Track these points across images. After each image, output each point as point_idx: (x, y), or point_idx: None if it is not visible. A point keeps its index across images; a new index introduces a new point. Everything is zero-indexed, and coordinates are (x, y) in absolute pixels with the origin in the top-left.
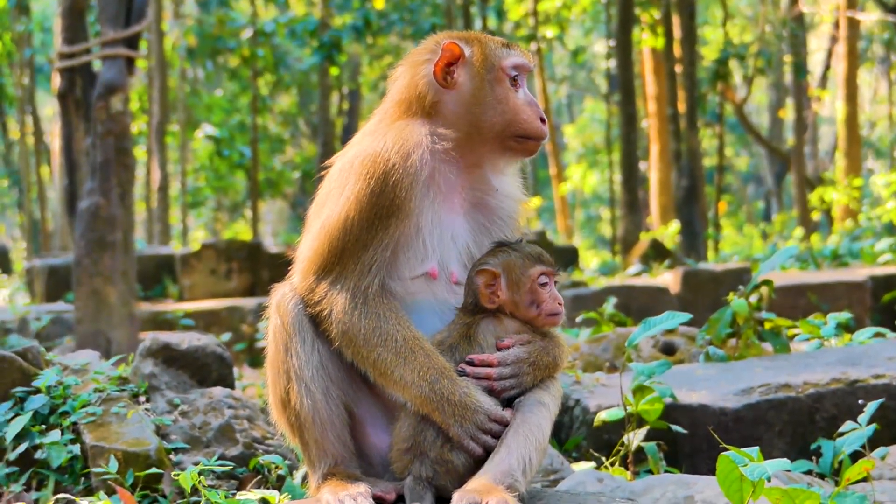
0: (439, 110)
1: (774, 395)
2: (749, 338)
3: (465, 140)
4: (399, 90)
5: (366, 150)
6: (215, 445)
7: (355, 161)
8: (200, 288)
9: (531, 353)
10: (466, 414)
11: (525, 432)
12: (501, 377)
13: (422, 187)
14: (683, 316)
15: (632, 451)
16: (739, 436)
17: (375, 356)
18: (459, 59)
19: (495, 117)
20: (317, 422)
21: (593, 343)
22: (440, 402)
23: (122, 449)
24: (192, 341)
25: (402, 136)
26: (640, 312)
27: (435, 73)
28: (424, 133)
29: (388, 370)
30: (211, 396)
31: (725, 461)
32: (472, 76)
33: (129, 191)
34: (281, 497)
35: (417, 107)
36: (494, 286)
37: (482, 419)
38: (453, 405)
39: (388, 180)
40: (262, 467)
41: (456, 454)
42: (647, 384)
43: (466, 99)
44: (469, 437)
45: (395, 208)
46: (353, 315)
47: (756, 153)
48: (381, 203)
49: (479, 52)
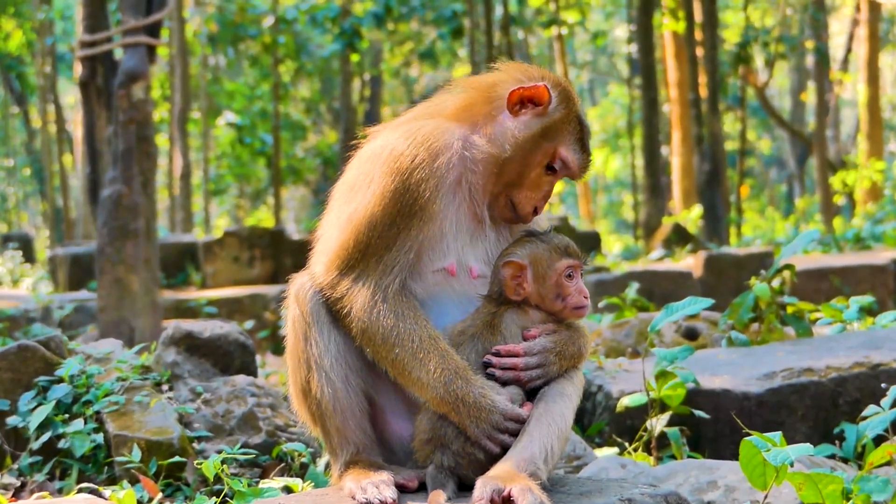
0: (487, 124)
1: (797, 379)
2: (771, 322)
3: (491, 163)
4: (472, 85)
5: (396, 141)
6: (238, 434)
7: (384, 152)
8: (223, 275)
9: (557, 342)
10: (482, 415)
11: (548, 421)
12: (528, 367)
13: (447, 190)
14: (705, 301)
15: (655, 436)
16: (762, 420)
17: (393, 356)
18: (540, 105)
19: (511, 173)
20: (337, 410)
21: (616, 328)
22: (455, 403)
23: (145, 438)
24: (215, 329)
25: (435, 134)
26: (662, 297)
27: (512, 94)
28: (458, 136)
29: (406, 370)
30: (234, 384)
31: (748, 446)
32: (532, 128)
33: (152, 179)
34: (304, 485)
35: (476, 110)
36: (521, 278)
37: (497, 419)
38: (468, 406)
39: (412, 178)
40: (285, 455)
41: (477, 448)
42: (670, 369)
43: (517, 136)
44: (486, 437)
45: (418, 208)
46: (372, 314)
47: (778, 137)
48: (406, 202)
49: (559, 119)
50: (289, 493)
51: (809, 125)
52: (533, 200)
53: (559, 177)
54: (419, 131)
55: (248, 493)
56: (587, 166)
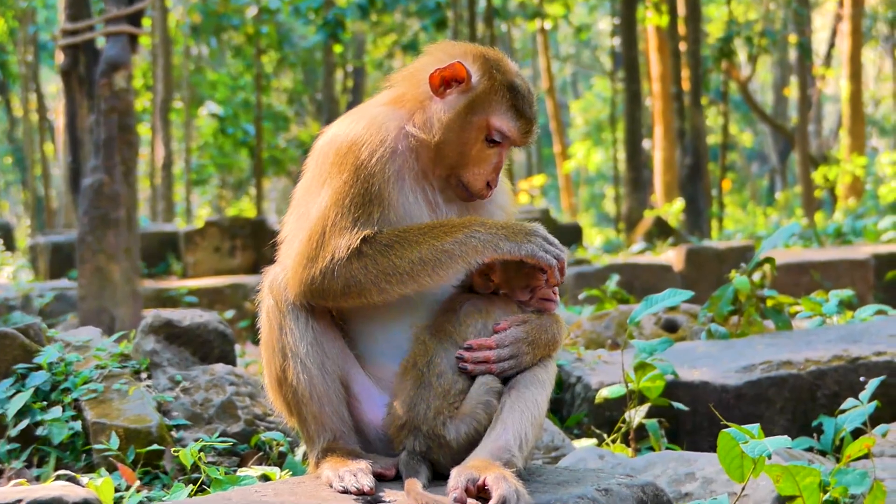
0: (418, 111)
1: (776, 372)
2: (751, 315)
3: (426, 149)
4: (402, 75)
5: (342, 134)
6: (217, 422)
7: (330, 148)
8: (204, 265)
9: (529, 332)
10: (529, 230)
11: (521, 408)
12: (500, 359)
13: (395, 180)
14: (685, 293)
15: (633, 428)
16: (741, 413)
17: (419, 255)
18: (462, 82)
19: (451, 154)
20: (314, 396)
21: (596, 320)
22: (499, 231)
23: (124, 426)
24: (195, 318)
25: (377, 123)
26: (643, 290)
27: (432, 78)
28: (394, 127)
29: (440, 250)
30: (213, 373)
31: (726, 438)
32: (457, 106)
33: (133, 168)
34: (282, 473)
35: (407, 99)
36: (490, 272)
37: (543, 232)
38: (513, 228)
39: (359, 171)
40: (263, 444)
41: (448, 428)
42: (649, 361)
43: (442, 118)
44: (542, 250)
45: (372, 196)
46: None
47: (760, 131)
48: (358, 192)
49: (484, 91)
50: (266, 482)
51: (792, 120)
52: (482, 176)
53: (505, 147)
54: (357, 125)
55: (225, 480)
56: (528, 131)
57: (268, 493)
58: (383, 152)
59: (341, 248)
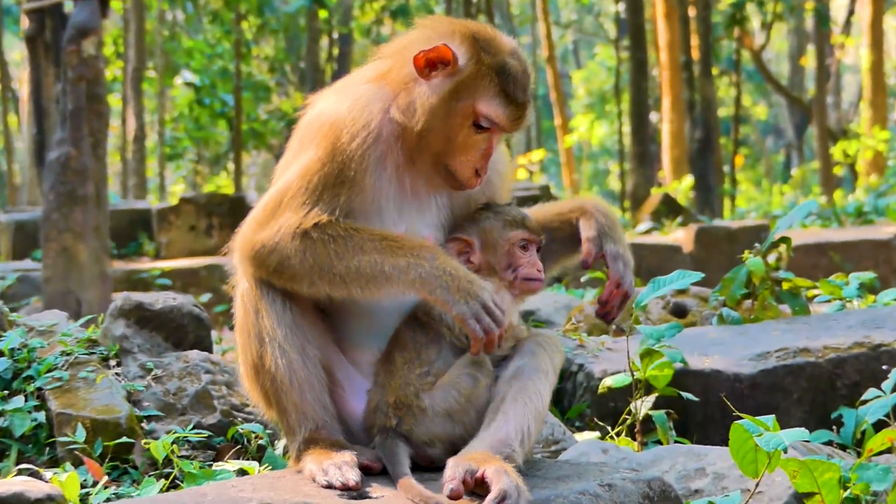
0: (402, 92)
1: (792, 360)
2: (765, 299)
3: (409, 136)
4: (392, 49)
5: (325, 112)
6: (191, 413)
7: (313, 124)
8: (178, 245)
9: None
10: (473, 289)
11: (524, 399)
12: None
13: (375, 165)
14: (695, 275)
15: (639, 419)
16: (755, 403)
17: (357, 264)
18: (448, 65)
19: (436, 142)
20: (294, 383)
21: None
22: (443, 276)
23: (91, 416)
24: (168, 301)
25: (362, 104)
26: (649, 272)
27: (416, 60)
28: (378, 110)
29: (376, 270)
30: (187, 360)
31: (739, 431)
32: (441, 91)
33: (103, 141)
34: (261, 468)
35: (393, 76)
36: (468, 253)
37: (488, 297)
38: (458, 278)
39: (339, 152)
40: (241, 437)
41: (421, 397)
42: (656, 348)
43: (426, 103)
44: (473, 317)
45: (344, 179)
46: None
47: (775, 103)
48: (331, 172)
49: (470, 74)
50: (244, 476)
51: (809, 91)
52: (470, 164)
53: (495, 133)
54: (341, 104)
55: (199, 475)
56: (518, 118)
57: (245, 489)
58: (365, 138)
59: (291, 223)
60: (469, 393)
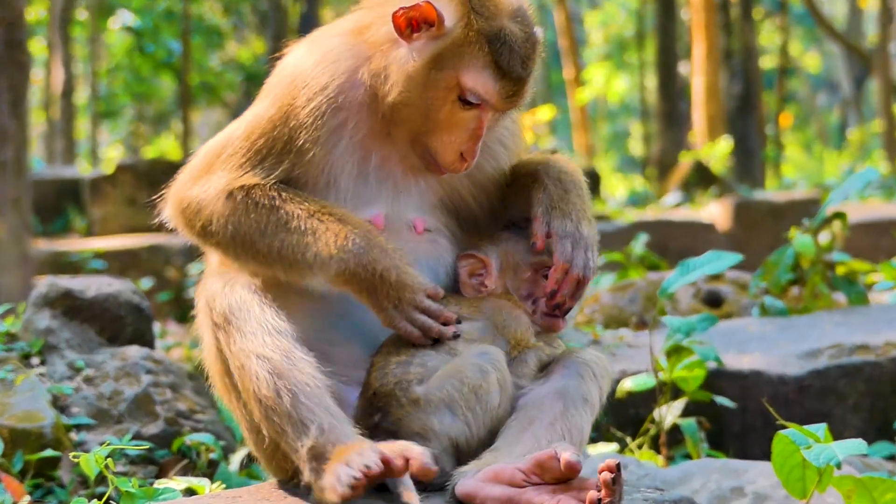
0: (378, 53)
1: (848, 358)
2: (816, 286)
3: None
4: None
5: (289, 64)
6: (129, 421)
7: (275, 77)
8: (115, 221)
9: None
10: (403, 295)
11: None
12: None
13: (330, 136)
14: (733, 257)
15: (665, 429)
16: (803, 410)
17: (279, 244)
18: (432, 27)
19: (413, 117)
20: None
21: (617, 292)
22: (370, 277)
23: (9, 425)
24: (102, 288)
25: (328, 61)
26: (678, 254)
27: (395, 18)
28: (353, 67)
29: (297, 255)
30: (124, 358)
31: (784, 443)
32: (422, 57)
33: (23, 96)
34: (213, 486)
35: (372, 32)
36: (482, 276)
37: (420, 298)
38: (387, 282)
39: (292, 116)
40: (188, 449)
41: (413, 387)
42: (685, 344)
43: (402, 70)
44: (405, 319)
45: (292, 149)
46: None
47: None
48: (278, 136)
49: (457, 40)
50: (192, 497)
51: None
52: (454, 145)
53: (485, 110)
54: (308, 59)
55: (138, 494)
56: (513, 94)
57: None
58: (321, 102)
59: (220, 183)
60: (475, 385)
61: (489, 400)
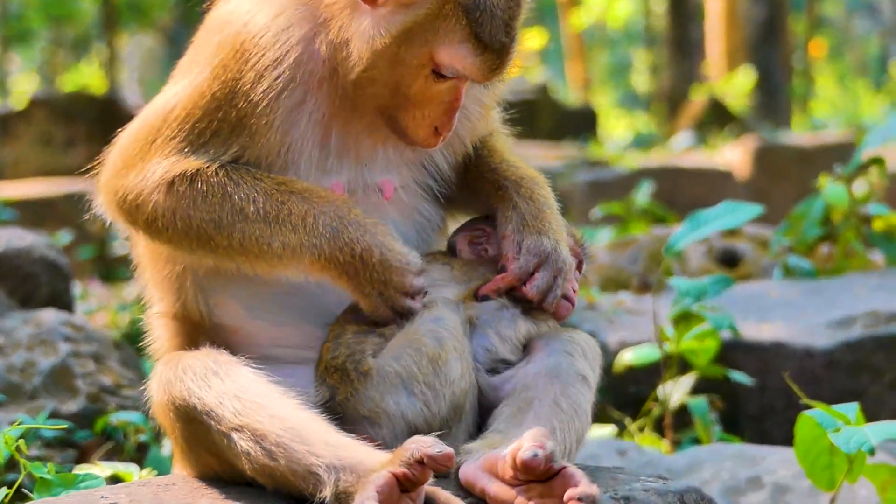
0: (336, 20)
1: (885, 328)
2: (849, 243)
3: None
4: None
5: (234, 18)
6: (44, 397)
7: (217, 29)
8: (28, 163)
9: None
10: (389, 277)
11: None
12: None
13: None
14: (752, 209)
15: (670, 410)
16: (832, 388)
17: (239, 236)
18: None
19: (381, 92)
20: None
21: (617, 249)
22: (348, 260)
23: None
24: (12, 241)
25: (282, 24)
26: (688, 205)
27: None
28: (311, 34)
29: (262, 247)
30: (38, 324)
31: (809, 425)
32: (393, 28)
33: None
34: (142, 473)
35: None
36: (481, 244)
37: (409, 281)
38: (369, 262)
39: (240, 91)
40: (114, 430)
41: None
42: (695, 310)
43: (367, 44)
44: (389, 306)
45: (243, 127)
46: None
47: None
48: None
49: (431, 13)
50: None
51: None
52: (428, 120)
53: (462, 81)
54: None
55: (55, 481)
56: (497, 66)
57: (120, 500)
58: (276, 80)
59: (158, 171)
60: (434, 355)
61: (448, 372)
